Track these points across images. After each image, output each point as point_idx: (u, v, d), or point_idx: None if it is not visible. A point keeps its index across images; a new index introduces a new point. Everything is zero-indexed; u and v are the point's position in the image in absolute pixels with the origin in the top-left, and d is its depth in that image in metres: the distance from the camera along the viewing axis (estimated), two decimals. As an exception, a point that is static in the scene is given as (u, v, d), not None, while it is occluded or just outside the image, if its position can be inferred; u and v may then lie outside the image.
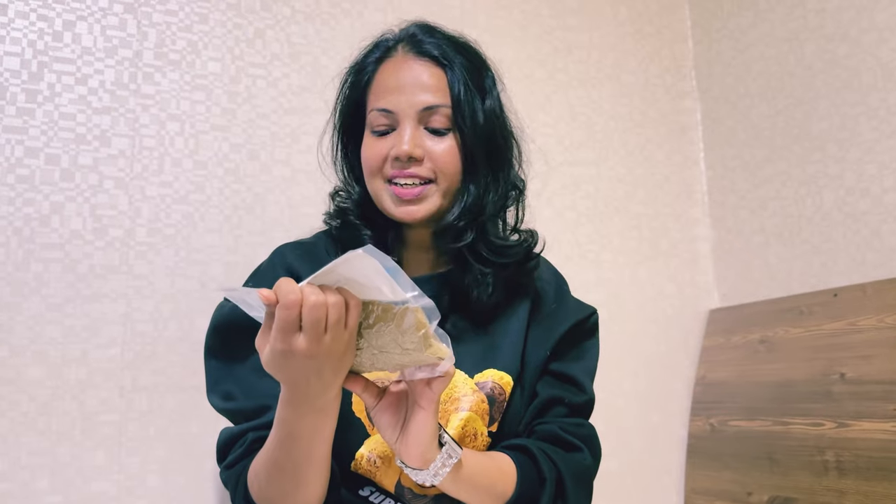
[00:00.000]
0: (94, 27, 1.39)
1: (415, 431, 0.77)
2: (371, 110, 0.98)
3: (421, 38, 1.00)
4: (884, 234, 1.55)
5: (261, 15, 1.54)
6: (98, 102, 1.37)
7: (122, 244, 1.35)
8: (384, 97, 0.96)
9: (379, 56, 1.00)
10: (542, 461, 0.91)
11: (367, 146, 0.98)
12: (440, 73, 0.97)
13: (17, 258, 1.28)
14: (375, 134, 0.97)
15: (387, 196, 0.96)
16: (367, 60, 1.01)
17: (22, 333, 1.27)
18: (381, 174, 0.96)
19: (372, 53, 1.02)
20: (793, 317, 1.66)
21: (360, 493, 0.93)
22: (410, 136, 0.94)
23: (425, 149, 0.95)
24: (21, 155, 1.30)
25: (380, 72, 0.99)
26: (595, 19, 1.96)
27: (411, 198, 0.94)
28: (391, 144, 0.95)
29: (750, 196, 1.89)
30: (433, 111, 0.95)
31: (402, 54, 0.99)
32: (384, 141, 0.96)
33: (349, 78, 1.04)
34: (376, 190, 0.98)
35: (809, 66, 1.74)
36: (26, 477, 1.24)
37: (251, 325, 0.90)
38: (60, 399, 1.28)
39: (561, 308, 1.05)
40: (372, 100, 0.98)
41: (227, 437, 0.94)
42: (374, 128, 0.97)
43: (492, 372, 0.96)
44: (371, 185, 0.98)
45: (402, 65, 0.98)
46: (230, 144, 1.47)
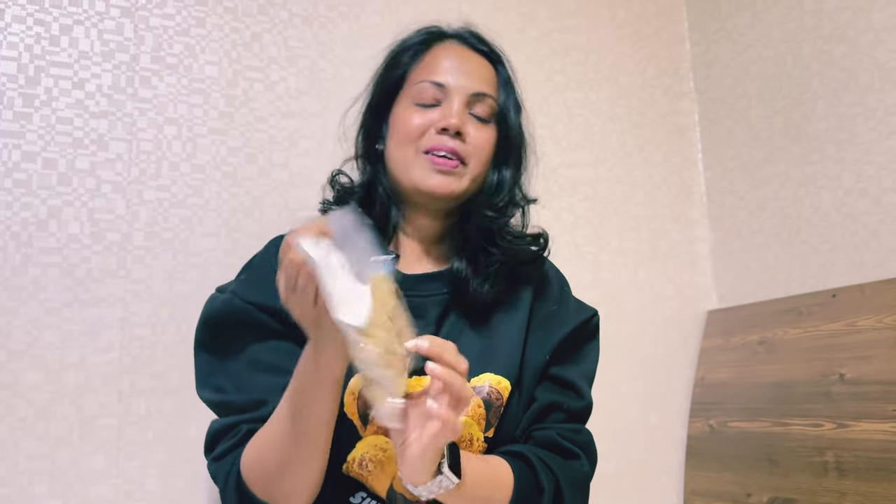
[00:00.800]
0: (91, 31, 1.39)
1: (411, 454, 0.75)
2: (420, 81, 0.99)
3: (473, 37, 1.06)
4: (882, 234, 1.55)
5: (258, 18, 1.54)
6: (95, 106, 1.37)
7: (119, 248, 1.35)
8: (437, 72, 0.99)
9: (428, 38, 1.04)
10: (540, 470, 0.90)
11: (406, 114, 0.98)
12: (491, 68, 1.03)
13: (15, 262, 1.28)
14: (420, 105, 0.98)
15: (419, 166, 0.96)
16: (414, 40, 1.04)
17: (20, 338, 1.26)
18: (417, 144, 0.97)
19: (420, 36, 1.05)
20: (792, 318, 1.66)
21: (350, 500, 0.92)
22: (461, 113, 0.97)
23: (467, 130, 0.97)
24: (18, 159, 1.30)
25: (432, 51, 1.02)
26: (593, 21, 1.96)
27: (447, 168, 0.96)
28: (436, 118, 0.97)
29: (748, 197, 1.89)
30: (481, 99, 0.99)
31: (455, 43, 1.04)
32: (429, 113, 0.97)
33: (393, 55, 1.06)
34: (406, 159, 0.97)
35: (807, 67, 1.74)
36: (24, 482, 1.24)
37: (244, 319, 0.93)
38: (59, 403, 1.28)
39: (562, 309, 1.05)
40: (420, 73, 1.00)
41: (217, 428, 0.94)
42: (420, 99, 0.98)
43: (489, 376, 0.95)
44: (401, 152, 0.98)
45: (457, 49, 1.03)
46: (228, 148, 1.47)
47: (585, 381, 1.03)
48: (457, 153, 0.96)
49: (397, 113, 1.00)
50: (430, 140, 0.96)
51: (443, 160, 0.95)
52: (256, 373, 0.92)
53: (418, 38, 1.04)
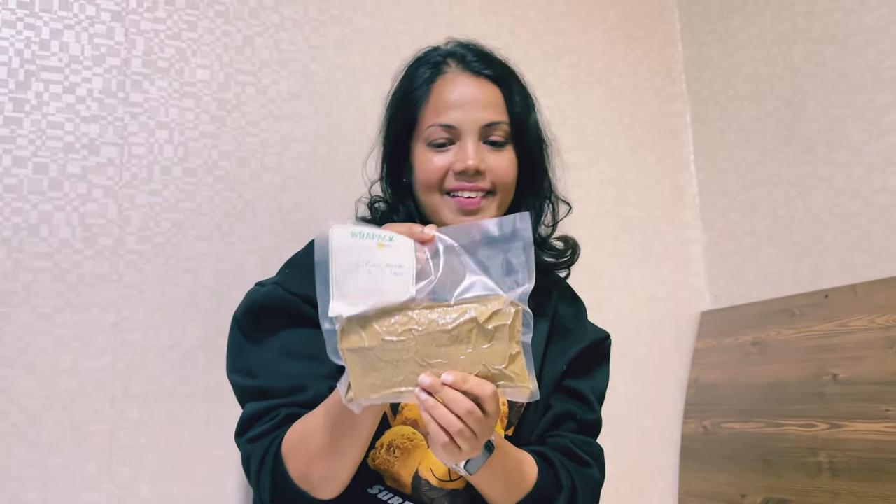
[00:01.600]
0: (82, 35, 1.38)
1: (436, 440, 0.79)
2: (430, 125, 1.00)
3: (473, 59, 1.04)
4: (874, 234, 1.55)
5: (249, 22, 1.53)
6: (86, 111, 1.37)
7: (111, 253, 1.35)
8: (445, 113, 0.99)
9: (430, 75, 1.03)
10: (560, 469, 0.95)
11: (425, 160, 1.00)
12: (496, 90, 1.03)
13: (6, 268, 1.27)
14: (434, 147, 1.00)
15: (446, 208, 0.99)
16: (418, 80, 1.04)
17: (11, 343, 1.26)
18: (440, 187, 0.99)
19: (421, 72, 1.04)
20: (784, 318, 1.66)
21: (368, 490, 0.94)
22: (475, 151, 0.98)
23: (486, 162, 0.99)
24: (9, 164, 1.30)
25: (436, 89, 1.02)
26: (584, 23, 1.96)
27: (473, 208, 0.99)
28: (452, 158, 0.98)
29: (741, 198, 1.89)
30: (494, 126, 1.00)
31: (456, 72, 1.03)
32: (444, 154, 0.99)
33: (399, 95, 1.06)
34: (434, 203, 1.00)
35: (798, 68, 1.74)
36: (16, 488, 1.23)
37: (287, 308, 0.96)
38: (51, 409, 1.27)
39: (578, 328, 1.11)
40: (429, 116, 1.01)
41: (252, 411, 0.94)
42: (433, 141, 1.00)
43: None
44: (427, 198, 1.01)
45: (460, 82, 1.02)
46: (220, 152, 1.46)
47: (595, 398, 1.08)
48: (480, 188, 0.99)
49: (417, 154, 1.02)
50: (451, 182, 0.99)
51: (468, 200, 0.98)
52: (295, 360, 0.94)
53: (422, 75, 1.04)
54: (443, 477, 0.94)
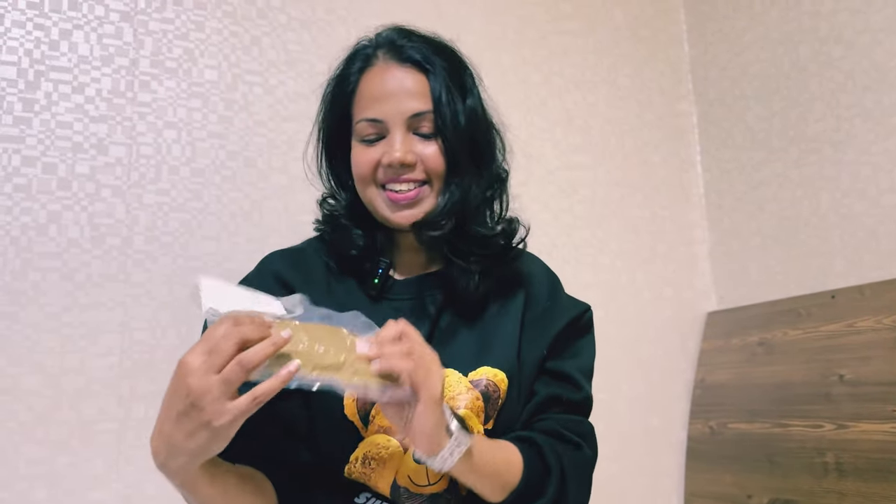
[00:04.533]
0: (91, 36, 1.39)
1: (418, 423, 0.79)
2: (359, 121, 0.98)
3: (400, 44, 1.01)
4: (880, 235, 1.55)
5: (257, 23, 1.54)
6: (95, 111, 1.37)
7: (119, 252, 1.35)
8: (371, 107, 0.98)
9: (360, 66, 1.01)
10: (547, 452, 0.94)
11: (357, 154, 0.99)
12: (423, 78, 0.99)
13: (15, 267, 1.28)
14: (365, 143, 0.98)
15: (381, 202, 0.98)
16: (349, 71, 1.02)
17: (19, 342, 1.26)
18: (374, 181, 0.98)
19: (353, 63, 1.02)
20: (791, 319, 1.66)
21: (355, 500, 0.92)
22: (402, 143, 0.96)
23: (416, 153, 0.97)
24: (18, 164, 1.30)
25: (363, 82, 1.00)
26: (591, 23, 1.96)
27: (407, 202, 0.97)
28: (381, 151, 0.97)
29: (747, 198, 1.89)
30: (421, 117, 0.97)
31: (383, 62, 1.00)
32: (374, 149, 0.97)
33: (331, 89, 1.04)
34: (370, 197, 0.99)
35: (805, 68, 1.74)
36: (24, 486, 1.24)
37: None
38: (58, 408, 1.27)
39: (555, 306, 1.07)
40: (358, 110, 0.99)
41: None
42: (363, 137, 0.98)
43: (485, 369, 0.97)
44: (364, 192, 0.99)
45: (385, 73, 0.99)
46: (227, 152, 1.47)
47: (582, 375, 1.05)
48: (412, 180, 0.97)
49: (353, 151, 1.01)
50: (384, 175, 0.97)
51: (400, 195, 0.97)
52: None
53: (351, 68, 1.02)
54: (421, 482, 0.93)
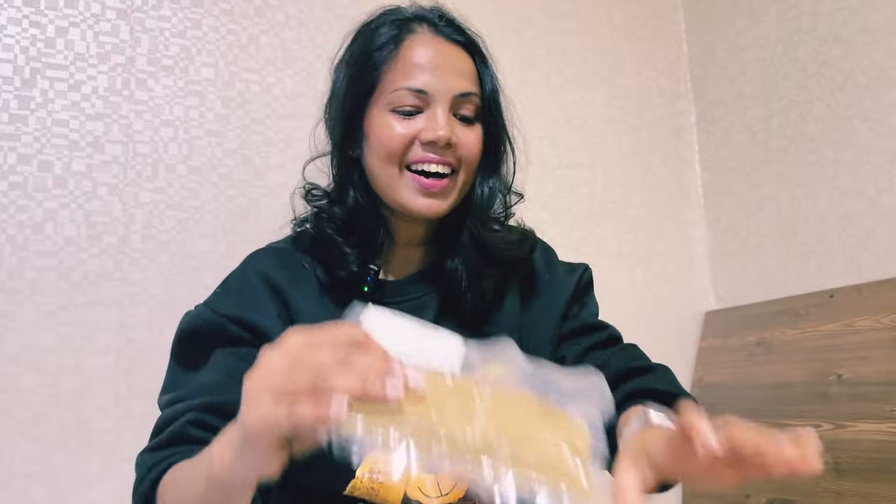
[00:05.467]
0: (87, 33, 1.38)
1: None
2: (398, 88, 0.88)
3: (448, 20, 0.94)
4: (879, 235, 1.55)
5: (254, 20, 1.53)
6: (91, 108, 1.37)
7: (116, 251, 1.35)
8: (416, 75, 0.88)
9: (397, 33, 0.91)
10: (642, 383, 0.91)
11: (385, 127, 0.89)
12: (470, 61, 0.93)
13: (11, 266, 1.27)
14: (400, 114, 0.88)
15: (405, 186, 0.89)
16: (381, 38, 0.91)
17: (16, 341, 1.26)
18: (401, 161, 0.89)
19: (384, 32, 0.92)
20: (789, 318, 1.66)
21: None
22: (447, 121, 0.88)
23: (456, 136, 0.90)
24: (14, 162, 1.30)
25: (404, 46, 0.90)
26: (589, 22, 1.96)
27: (438, 189, 0.89)
28: (420, 127, 0.88)
29: (745, 198, 1.89)
30: (466, 98, 0.91)
31: (429, 33, 0.92)
32: (411, 122, 0.88)
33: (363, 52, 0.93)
34: (390, 178, 0.90)
35: (804, 68, 1.74)
36: (21, 486, 1.23)
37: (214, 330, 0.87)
38: (55, 407, 1.27)
39: (555, 279, 1.03)
40: (396, 77, 0.89)
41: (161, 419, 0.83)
42: (399, 107, 0.88)
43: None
44: (384, 171, 0.90)
45: (434, 44, 0.91)
46: (224, 150, 1.46)
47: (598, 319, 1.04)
48: (447, 163, 0.89)
49: (374, 120, 0.90)
50: (415, 154, 0.88)
51: (432, 181, 0.88)
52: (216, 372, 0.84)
53: (388, 32, 0.91)
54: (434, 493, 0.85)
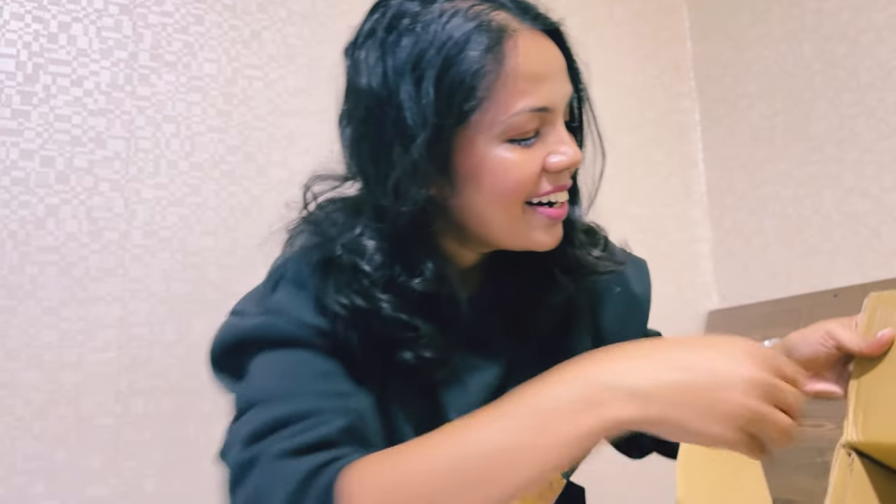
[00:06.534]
0: (90, 29, 1.38)
1: None
2: (516, 113, 0.69)
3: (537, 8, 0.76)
4: (883, 234, 1.54)
5: (257, 16, 1.53)
6: (94, 104, 1.36)
7: (117, 247, 1.35)
8: (534, 91, 0.70)
9: (493, 39, 0.69)
10: None
11: (509, 164, 0.70)
12: (560, 52, 0.76)
13: (13, 261, 1.27)
14: (521, 143, 0.70)
15: (530, 224, 0.73)
16: (475, 45, 0.69)
17: (17, 337, 1.26)
18: (526, 196, 0.72)
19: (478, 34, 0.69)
20: (793, 317, 1.65)
21: None
22: (571, 138, 0.74)
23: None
24: (16, 157, 1.30)
25: (510, 57, 0.70)
26: (592, 20, 1.95)
27: (562, 218, 0.75)
28: (543, 153, 0.71)
29: (749, 197, 1.88)
30: (570, 103, 0.76)
31: (527, 30, 0.72)
32: (533, 151, 0.71)
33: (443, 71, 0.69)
34: (510, 219, 0.73)
35: (808, 66, 1.73)
36: (22, 481, 1.23)
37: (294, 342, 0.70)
38: (56, 403, 1.27)
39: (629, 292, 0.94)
40: (509, 98, 0.69)
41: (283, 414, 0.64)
42: (521, 135, 0.70)
43: None
44: (502, 212, 0.72)
45: (538, 44, 0.73)
46: (226, 146, 1.46)
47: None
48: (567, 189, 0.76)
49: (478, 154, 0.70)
50: (542, 187, 0.72)
51: (558, 211, 0.74)
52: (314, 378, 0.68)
53: (480, 38, 0.69)
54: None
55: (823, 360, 0.78)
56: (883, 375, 0.71)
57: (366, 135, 0.73)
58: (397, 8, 0.74)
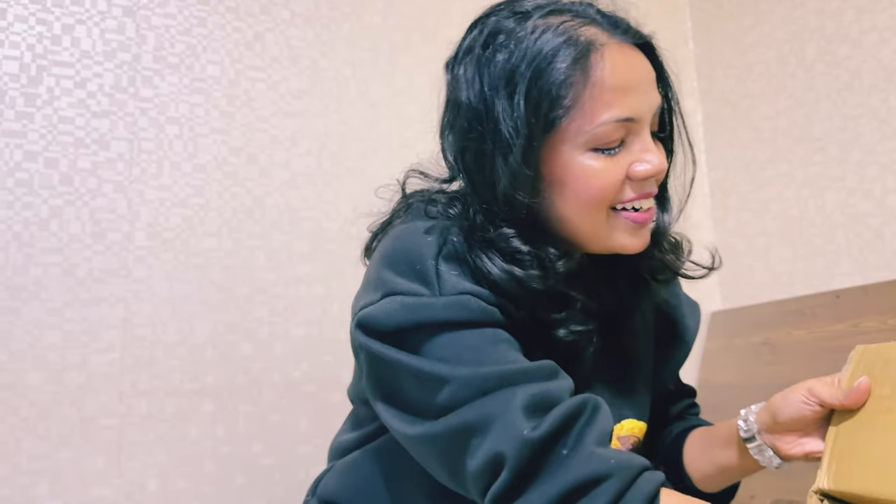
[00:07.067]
0: (93, 31, 1.39)
1: None
2: (601, 123, 0.72)
3: (628, 23, 0.79)
4: (886, 235, 1.54)
5: (260, 18, 1.53)
6: (97, 106, 1.37)
7: (121, 248, 1.35)
8: (620, 102, 0.73)
9: (580, 51, 0.73)
10: None
11: (591, 168, 0.73)
12: (650, 63, 0.79)
13: (17, 262, 1.28)
14: (606, 153, 0.74)
15: (616, 229, 0.77)
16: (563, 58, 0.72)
17: (21, 338, 1.26)
18: (610, 202, 0.76)
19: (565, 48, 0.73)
20: (795, 319, 1.65)
21: None
22: (657, 147, 0.77)
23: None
24: (20, 159, 1.30)
25: (598, 70, 0.73)
26: (595, 21, 1.95)
27: (648, 223, 0.78)
28: (627, 162, 0.75)
29: (752, 198, 1.88)
30: (657, 113, 0.79)
31: (615, 43, 0.75)
32: (617, 160, 0.74)
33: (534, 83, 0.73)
34: (597, 224, 0.76)
35: (810, 67, 1.73)
36: (26, 482, 1.23)
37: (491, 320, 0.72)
38: (60, 404, 1.27)
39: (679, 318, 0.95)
40: (595, 108, 0.73)
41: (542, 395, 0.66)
42: (605, 144, 0.73)
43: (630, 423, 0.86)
44: (589, 217, 0.76)
45: (625, 57, 0.75)
46: (229, 148, 1.46)
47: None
48: (652, 196, 0.79)
49: (564, 161, 0.74)
50: (626, 193, 0.75)
51: (644, 216, 0.77)
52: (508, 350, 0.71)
53: (568, 51, 0.73)
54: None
55: (809, 419, 0.79)
56: (859, 425, 0.72)
57: (468, 147, 0.77)
58: (494, 25, 0.78)
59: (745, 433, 0.84)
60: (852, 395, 0.73)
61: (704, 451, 0.91)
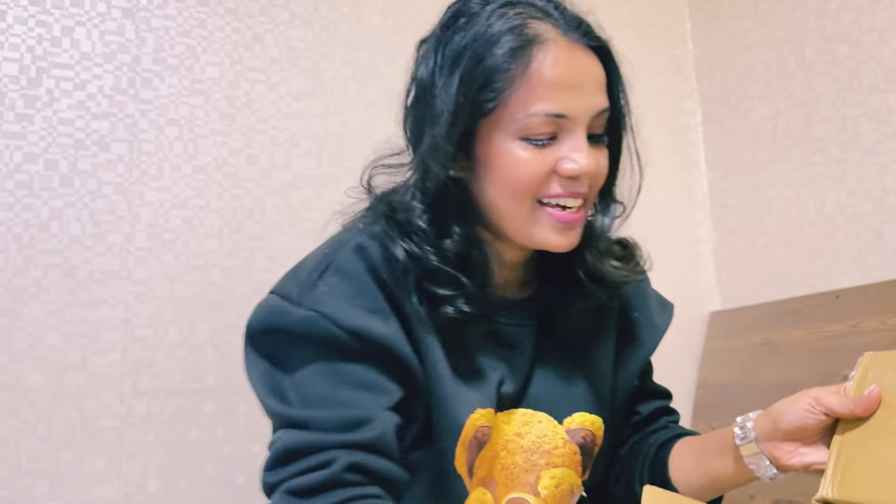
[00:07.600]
0: (93, 32, 1.39)
1: None
2: (532, 114, 0.75)
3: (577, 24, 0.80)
4: (885, 235, 1.54)
5: (259, 20, 1.53)
6: (97, 108, 1.37)
7: (121, 249, 1.35)
8: (553, 97, 0.74)
9: (523, 42, 0.75)
10: None
11: (517, 157, 0.76)
12: (602, 69, 0.81)
13: (17, 264, 1.28)
14: (534, 144, 0.76)
15: (539, 222, 0.78)
16: (505, 45, 0.75)
17: (21, 339, 1.26)
18: (534, 194, 0.78)
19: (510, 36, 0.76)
20: (795, 319, 1.65)
21: None
22: (588, 149, 0.77)
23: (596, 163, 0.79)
24: (20, 160, 1.30)
25: (537, 62, 0.75)
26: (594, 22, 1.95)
27: (577, 223, 0.80)
28: (556, 157, 0.76)
29: (751, 198, 1.88)
30: (600, 116, 0.80)
31: (562, 41, 0.77)
32: (545, 153, 0.76)
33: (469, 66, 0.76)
34: (522, 214, 0.78)
35: (810, 67, 1.73)
36: (26, 483, 1.24)
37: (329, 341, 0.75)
38: (60, 405, 1.27)
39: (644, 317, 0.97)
40: (528, 99, 0.75)
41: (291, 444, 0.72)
42: (533, 135, 0.75)
43: (581, 417, 0.88)
44: (512, 204, 0.78)
45: (569, 56, 0.77)
46: (229, 149, 1.46)
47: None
48: (582, 195, 0.79)
49: (495, 146, 0.77)
50: (551, 189, 0.77)
51: (569, 216, 0.78)
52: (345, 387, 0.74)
53: (511, 40, 0.75)
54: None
55: (811, 428, 0.78)
56: (866, 434, 0.71)
57: (411, 117, 0.83)
58: (458, 7, 0.81)
59: (741, 440, 0.84)
60: (863, 403, 0.73)
61: (693, 461, 0.91)
